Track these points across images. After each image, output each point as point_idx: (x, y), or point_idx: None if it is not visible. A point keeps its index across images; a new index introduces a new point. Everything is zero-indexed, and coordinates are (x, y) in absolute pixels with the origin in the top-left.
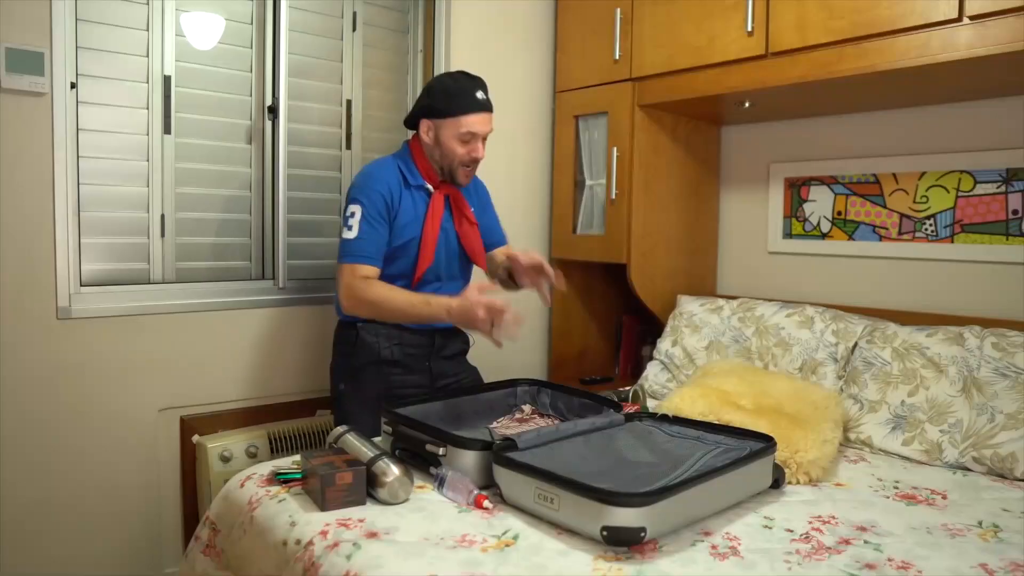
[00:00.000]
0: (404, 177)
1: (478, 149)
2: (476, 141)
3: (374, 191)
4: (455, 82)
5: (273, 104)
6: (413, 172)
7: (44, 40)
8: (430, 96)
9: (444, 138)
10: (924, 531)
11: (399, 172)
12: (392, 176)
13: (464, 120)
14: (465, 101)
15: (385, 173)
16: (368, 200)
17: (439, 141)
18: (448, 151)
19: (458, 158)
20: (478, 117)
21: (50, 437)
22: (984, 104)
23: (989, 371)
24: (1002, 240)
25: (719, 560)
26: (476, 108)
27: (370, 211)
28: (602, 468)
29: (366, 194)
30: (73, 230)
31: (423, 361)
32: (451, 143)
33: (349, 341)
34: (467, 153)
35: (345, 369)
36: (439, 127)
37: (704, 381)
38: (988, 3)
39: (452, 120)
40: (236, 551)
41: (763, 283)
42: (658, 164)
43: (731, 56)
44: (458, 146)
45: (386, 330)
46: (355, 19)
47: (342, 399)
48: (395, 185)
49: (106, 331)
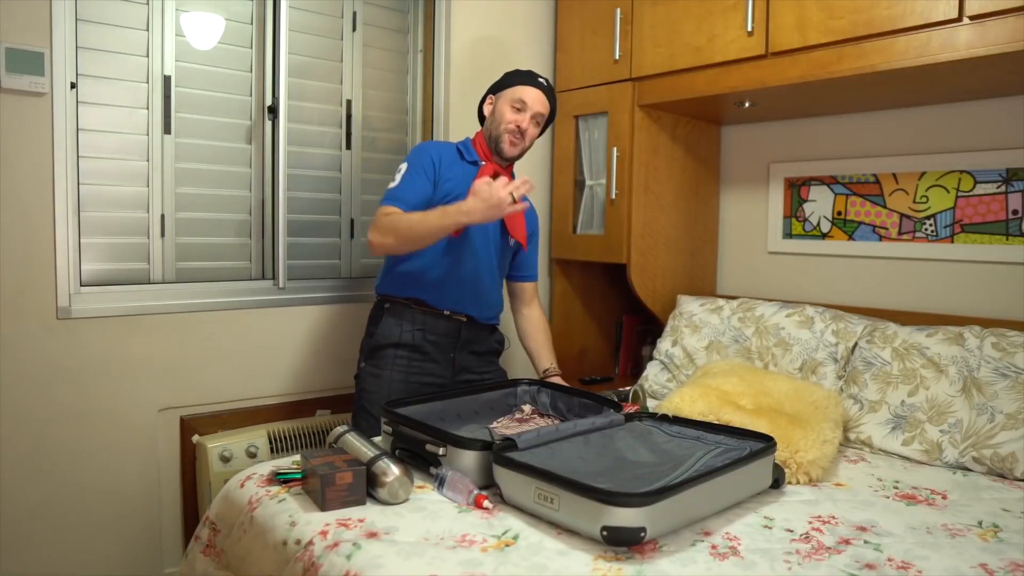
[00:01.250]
0: (460, 153)
1: (524, 120)
2: (526, 112)
3: (424, 152)
4: (523, 70)
5: (273, 104)
6: (469, 150)
7: (44, 40)
8: (498, 79)
9: (500, 107)
10: (924, 531)
11: (455, 148)
12: (446, 147)
13: (520, 88)
14: (525, 77)
15: (438, 144)
16: (416, 159)
17: (496, 110)
18: (499, 116)
19: (505, 123)
20: (533, 91)
21: (50, 437)
22: (984, 104)
23: (989, 371)
24: (1002, 240)
25: (719, 560)
26: (533, 83)
27: (414, 167)
28: (602, 468)
29: (416, 154)
30: (73, 230)
31: (447, 352)
32: (503, 108)
33: (375, 319)
34: (513, 121)
35: (367, 347)
36: (499, 99)
37: (704, 381)
38: (988, 3)
39: (510, 89)
40: (236, 551)
41: (763, 283)
42: (658, 164)
43: (731, 56)
44: (509, 111)
45: (411, 313)
46: (355, 19)
47: (361, 377)
48: (447, 154)
49: (106, 331)
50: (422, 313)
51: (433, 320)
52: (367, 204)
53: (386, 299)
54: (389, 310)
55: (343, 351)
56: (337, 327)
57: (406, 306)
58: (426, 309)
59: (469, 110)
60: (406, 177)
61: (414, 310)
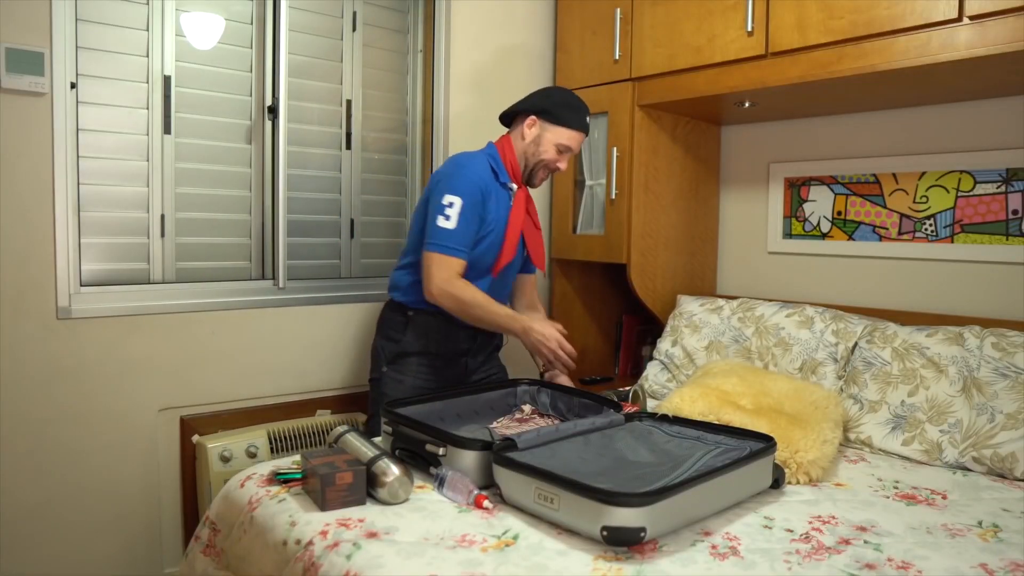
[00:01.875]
0: (495, 173)
1: (564, 161)
2: (567, 155)
3: (474, 185)
4: (575, 100)
5: (273, 104)
6: (501, 170)
7: (44, 40)
8: (549, 99)
9: (546, 140)
10: (924, 531)
11: (490, 168)
12: (486, 171)
13: (571, 134)
14: (580, 119)
15: (479, 167)
16: (468, 193)
17: (539, 141)
18: (543, 152)
19: (547, 162)
20: (581, 137)
21: (50, 437)
22: (984, 104)
23: (989, 371)
24: (1002, 240)
25: (719, 560)
26: (583, 128)
27: (468, 204)
28: (602, 468)
29: (466, 187)
30: (73, 230)
31: (462, 356)
32: (549, 147)
33: (399, 327)
34: (555, 161)
35: (391, 352)
36: (546, 129)
37: (704, 381)
38: (988, 3)
39: (562, 129)
40: (236, 551)
41: (763, 283)
42: (658, 164)
43: (731, 56)
44: (553, 152)
45: (436, 323)
46: (355, 19)
47: (383, 381)
48: (488, 181)
49: (106, 331)
50: (446, 323)
51: (456, 330)
52: (367, 204)
53: (409, 308)
54: (414, 320)
55: (343, 351)
56: (337, 327)
57: (432, 316)
58: (450, 320)
59: (469, 110)
60: (462, 220)
61: (439, 319)
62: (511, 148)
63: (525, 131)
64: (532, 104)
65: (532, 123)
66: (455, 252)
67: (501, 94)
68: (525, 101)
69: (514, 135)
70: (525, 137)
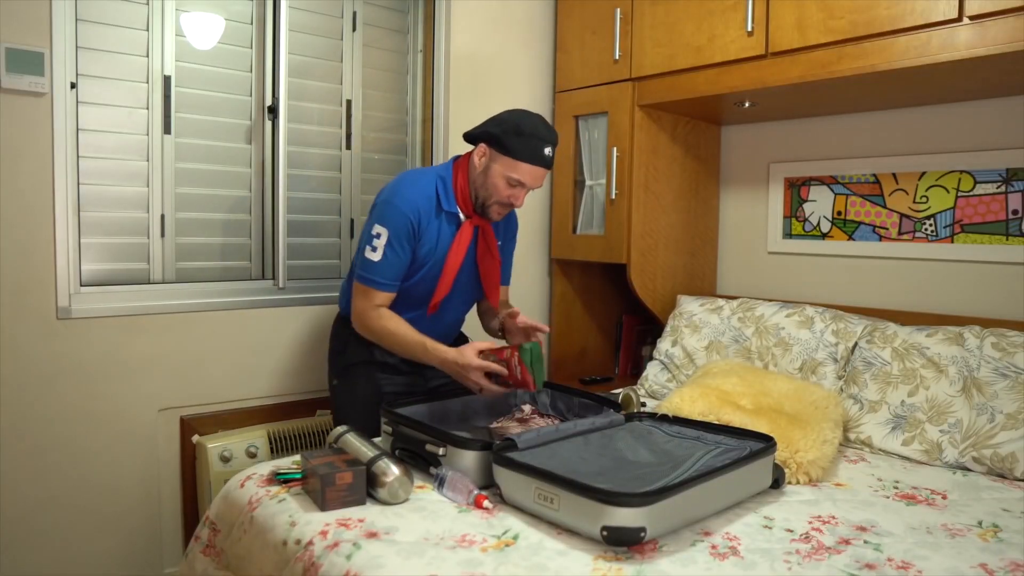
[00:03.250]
0: (438, 199)
1: (520, 197)
2: (521, 189)
3: (403, 216)
4: (530, 125)
5: (273, 104)
6: (449, 196)
7: (44, 40)
8: (500, 126)
9: (493, 172)
10: (924, 531)
11: (435, 193)
12: (425, 197)
13: (520, 166)
14: (530, 149)
15: (418, 194)
16: (396, 224)
17: (488, 172)
18: (492, 186)
19: (497, 197)
20: (534, 170)
21: (50, 437)
22: (984, 104)
23: (989, 371)
24: (1002, 240)
25: (719, 560)
26: (537, 161)
27: (395, 236)
28: (602, 468)
29: (396, 218)
30: (73, 230)
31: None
32: (498, 180)
33: (343, 338)
34: (508, 197)
35: (338, 364)
36: (494, 159)
37: (704, 381)
38: (988, 3)
39: (510, 161)
40: (236, 551)
41: (763, 283)
42: (658, 164)
43: (731, 56)
44: (503, 186)
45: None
46: (355, 19)
47: (335, 393)
48: (425, 209)
49: (106, 331)
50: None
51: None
52: (367, 204)
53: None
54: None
55: None
56: None
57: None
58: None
59: (469, 110)
60: (387, 251)
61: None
62: (465, 174)
63: (476, 160)
64: (485, 131)
65: (482, 152)
66: (377, 285)
67: (501, 94)
68: (483, 124)
69: (469, 161)
70: (476, 167)
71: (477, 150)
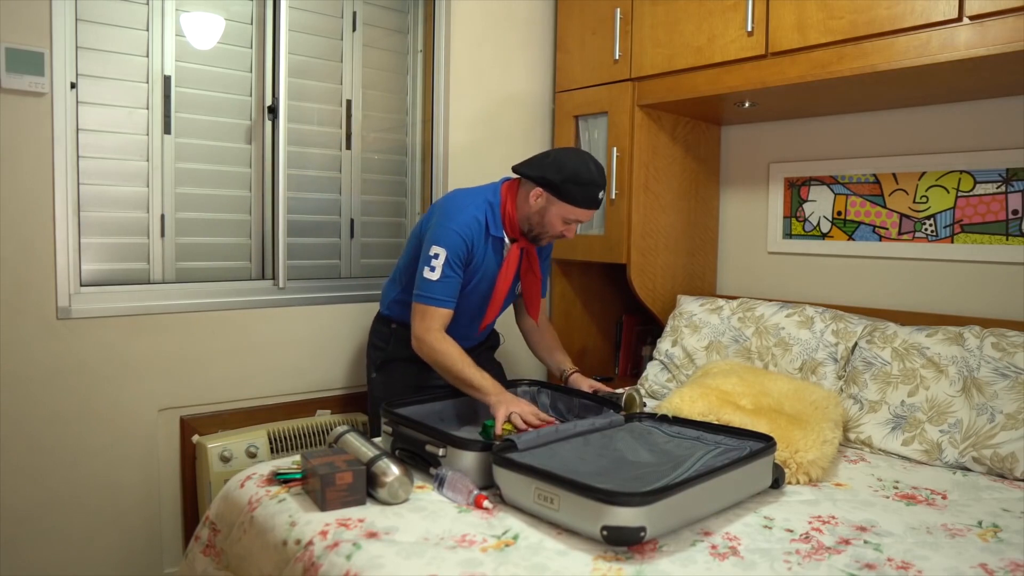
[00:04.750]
0: (487, 224)
1: (573, 231)
2: (574, 225)
3: (459, 237)
4: (588, 173)
5: (273, 104)
6: (497, 222)
7: (44, 40)
8: (560, 173)
9: (551, 214)
10: (924, 531)
11: (484, 218)
12: (477, 223)
13: (578, 211)
14: (589, 196)
15: (471, 217)
16: (452, 246)
17: (544, 213)
18: (548, 224)
19: (552, 233)
20: (589, 213)
21: (50, 437)
22: (984, 104)
23: (989, 371)
24: (1002, 240)
25: (719, 560)
26: (593, 206)
27: (452, 257)
28: (602, 468)
29: (452, 240)
30: (73, 230)
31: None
32: (555, 220)
33: (384, 335)
34: (562, 232)
35: (378, 360)
36: (552, 203)
37: (704, 381)
38: (988, 3)
39: (568, 207)
40: (236, 551)
41: (763, 283)
42: (658, 164)
43: (731, 56)
44: (559, 224)
45: None
46: (355, 19)
47: (373, 386)
48: (477, 233)
49: (106, 331)
50: None
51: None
52: (367, 204)
53: (393, 321)
54: (397, 332)
55: (343, 351)
56: (337, 327)
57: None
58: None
59: (469, 110)
60: (446, 271)
61: None
62: (514, 204)
63: (531, 200)
64: (543, 174)
65: (538, 195)
66: (438, 303)
67: (501, 94)
68: (537, 166)
69: (520, 194)
70: (531, 206)
71: (533, 192)
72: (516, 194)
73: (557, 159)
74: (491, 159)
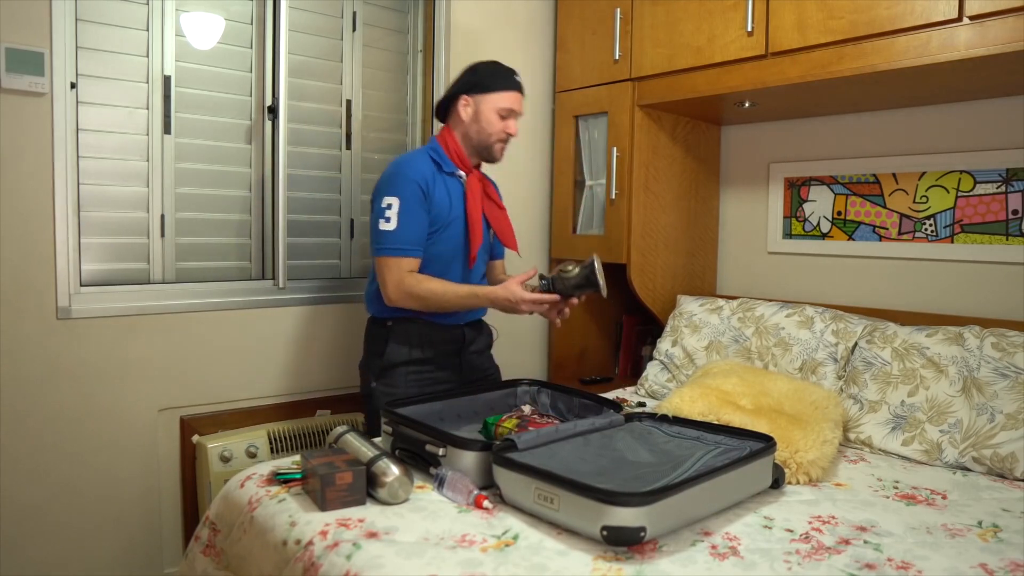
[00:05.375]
0: (437, 165)
1: (513, 126)
2: (512, 118)
3: (409, 179)
4: (499, 65)
5: (273, 104)
6: (445, 160)
7: (44, 40)
8: (474, 74)
9: (483, 114)
10: (924, 531)
11: (431, 161)
12: (424, 165)
13: (506, 95)
14: (508, 80)
15: (417, 163)
16: (404, 190)
17: (478, 116)
18: (486, 124)
19: (495, 133)
20: (517, 96)
21: (50, 437)
22: (984, 104)
23: (989, 371)
24: (1002, 240)
25: (719, 560)
26: (516, 87)
27: (408, 201)
28: (602, 468)
29: (402, 185)
30: (73, 230)
31: (453, 357)
32: (491, 116)
33: (381, 340)
34: (503, 128)
35: (377, 367)
36: (480, 102)
37: (704, 381)
38: (988, 3)
39: (495, 95)
40: (236, 551)
41: (763, 283)
42: (658, 164)
43: (731, 56)
44: (497, 120)
45: (417, 328)
46: (355, 19)
47: (374, 396)
48: (428, 173)
49: (106, 331)
50: (428, 327)
51: (439, 332)
52: (367, 204)
53: (388, 319)
54: (393, 330)
55: (343, 351)
56: (337, 327)
57: (411, 322)
58: (431, 323)
59: None
60: (402, 218)
61: (419, 324)
62: (452, 136)
63: (461, 113)
64: (458, 86)
65: (465, 102)
66: (402, 252)
67: None
68: (451, 87)
69: (452, 123)
70: (464, 118)
71: (460, 103)
72: (450, 129)
73: (464, 70)
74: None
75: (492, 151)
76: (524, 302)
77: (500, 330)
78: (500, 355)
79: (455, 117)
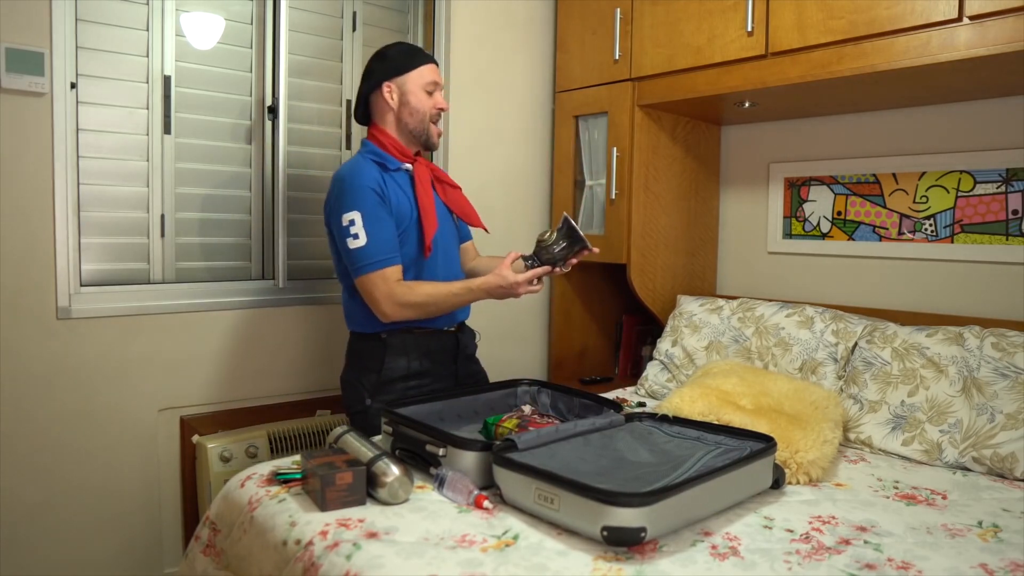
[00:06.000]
0: (381, 166)
1: (441, 99)
2: (438, 92)
3: (363, 188)
4: (404, 44)
5: (273, 104)
6: (387, 158)
7: (44, 40)
8: (384, 60)
9: (410, 95)
10: (924, 531)
11: (374, 164)
12: (370, 169)
13: (426, 69)
14: (422, 55)
15: (362, 169)
16: (362, 201)
17: (406, 98)
18: (417, 104)
19: (428, 111)
20: (435, 68)
21: (50, 437)
22: (984, 104)
23: (989, 371)
24: (1002, 240)
25: (719, 560)
26: (430, 60)
27: (369, 210)
28: (602, 468)
29: (357, 195)
30: (73, 230)
31: (450, 364)
32: (419, 94)
33: (375, 354)
34: (434, 104)
35: (372, 384)
36: (403, 83)
37: (704, 381)
38: (988, 3)
39: (416, 72)
40: (236, 551)
41: (763, 283)
42: (658, 164)
43: (731, 56)
44: (425, 97)
45: (414, 339)
46: (355, 19)
47: (370, 414)
48: (377, 176)
49: (106, 331)
50: (424, 336)
51: (436, 339)
52: None
53: (382, 333)
54: (388, 342)
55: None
56: (337, 327)
57: (407, 333)
58: (426, 330)
59: (469, 110)
60: (370, 227)
61: (415, 335)
62: (384, 132)
63: (386, 102)
64: (375, 77)
65: (389, 89)
66: (382, 264)
67: (501, 94)
68: (364, 84)
69: (379, 118)
70: (392, 106)
71: (383, 93)
72: (379, 126)
73: (370, 62)
74: (491, 159)
75: (429, 134)
76: (518, 284)
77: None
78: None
79: (380, 111)
